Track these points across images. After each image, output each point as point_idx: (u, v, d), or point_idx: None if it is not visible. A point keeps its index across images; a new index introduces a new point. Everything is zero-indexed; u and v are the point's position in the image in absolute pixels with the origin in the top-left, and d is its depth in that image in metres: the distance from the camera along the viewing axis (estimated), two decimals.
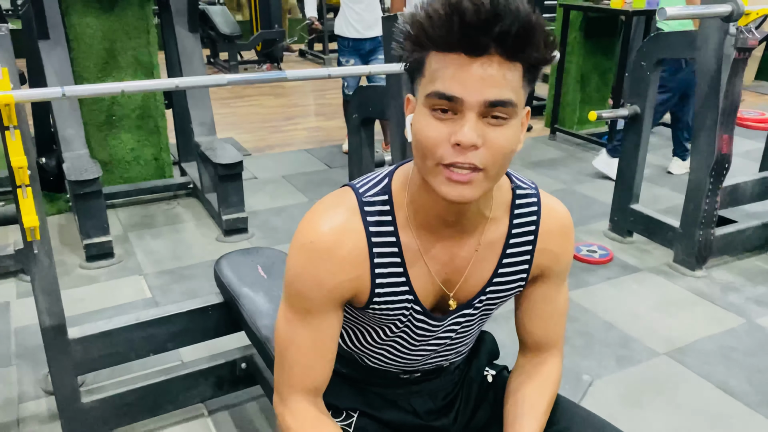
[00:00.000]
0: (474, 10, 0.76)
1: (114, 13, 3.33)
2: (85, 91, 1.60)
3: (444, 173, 0.83)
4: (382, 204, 0.95)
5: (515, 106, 0.82)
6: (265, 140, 4.91)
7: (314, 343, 0.97)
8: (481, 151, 0.81)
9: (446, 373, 1.16)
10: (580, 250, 3.00)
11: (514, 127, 0.84)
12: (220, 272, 1.85)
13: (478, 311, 1.05)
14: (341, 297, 0.95)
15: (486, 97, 0.79)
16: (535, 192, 1.03)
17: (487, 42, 0.77)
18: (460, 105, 0.80)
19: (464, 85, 0.79)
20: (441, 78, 0.80)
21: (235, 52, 7.46)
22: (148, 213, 3.49)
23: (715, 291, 2.70)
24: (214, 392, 1.93)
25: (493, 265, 1.01)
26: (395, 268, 0.96)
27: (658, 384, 2.13)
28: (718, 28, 2.49)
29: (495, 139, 0.82)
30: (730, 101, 2.57)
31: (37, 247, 1.55)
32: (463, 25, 0.77)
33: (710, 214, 2.75)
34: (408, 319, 1.00)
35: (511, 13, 0.76)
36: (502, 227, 1.00)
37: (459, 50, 0.79)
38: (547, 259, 1.03)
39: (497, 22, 0.76)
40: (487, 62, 0.79)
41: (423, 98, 0.83)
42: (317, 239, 0.92)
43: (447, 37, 0.79)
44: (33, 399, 2.03)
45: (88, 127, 3.41)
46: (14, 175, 1.45)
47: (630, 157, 3.07)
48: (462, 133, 0.80)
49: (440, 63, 0.80)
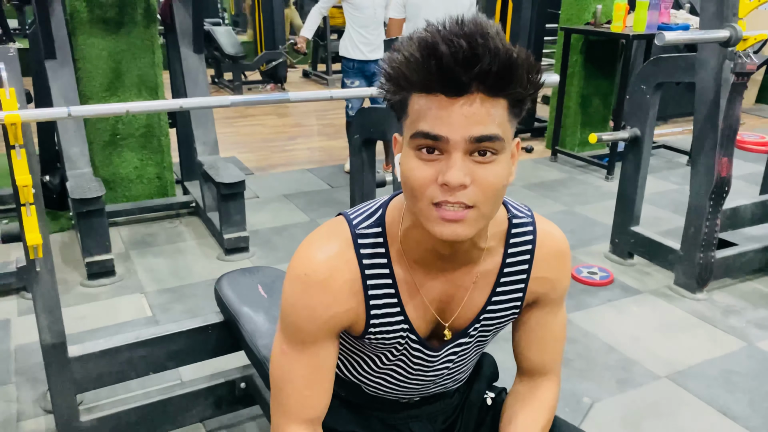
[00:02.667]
0: (451, 53, 0.75)
1: (120, 33, 3.38)
2: (90, 111, 1.62)
3: (436, 212, 0.82)
4: (375, 236, 0.95)
5: (502, 140, 0.81)
6: (267, 159, 4.94)
7: (311, 374, 0.97)
8: (470, 189, 0.80)
9: (446, 397, 1.16)
10: (581, 272, 3.00)
11: (503, 162, 0.82)
12: (221, 291, 1.85)
13: (473, 339, 1.05)
14: (336, 327, 0.95)
15: (471, 133, 0.78)
16: (530, 220, 1.02)
17: (468, 82, 0.77)
18: (446, 144, 0.79)
19: (448, 123, 0.78)
20: (424, 118, 0.80)
21: (239, 72, 7.53)
22: (150, 231, 3.50)
23: (716, 314, 2.70)
24: (213, 412, 1.93)
25: (487, 293, 1.01)
26: (390, 299, 0.96)
27: (659, 407, 2.12)
28: (717, 52, 2.52)
29: (484, 177, 0.80)
30: (729, 125, 2.59)
31: (40, 265, 1.56)
32: (441, 69, 0.76)
33: (710, 236, 2.76)
34: (404, 347, 1.01)
35: (490, 53, 0.75)
36: (497, 257, 1.00)
37: (439, 92, 0.78)
38: (542, 287, 1.03)
39: (476, 63, 0.75)
40: (469, 100, 0.78)
41: (408, 139, 0.83)
42: (311, 272, 0.92)
43: (426, 80, 0.78)
44: (32, 417, 2.02)
45: (93, 145, 3.43)
46: (18, 193, 1.46)
47: (630, 180, 3.08)
48: (449, 173, 0.79)
49: (423, 104, 0.80)
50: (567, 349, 2.42)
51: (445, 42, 0.76)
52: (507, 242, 1.00)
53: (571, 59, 4.73)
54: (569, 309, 2.72)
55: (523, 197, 4.09)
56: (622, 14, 4.22)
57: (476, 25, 0.77)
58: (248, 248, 3.24)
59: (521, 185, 4.33)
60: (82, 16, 3.28)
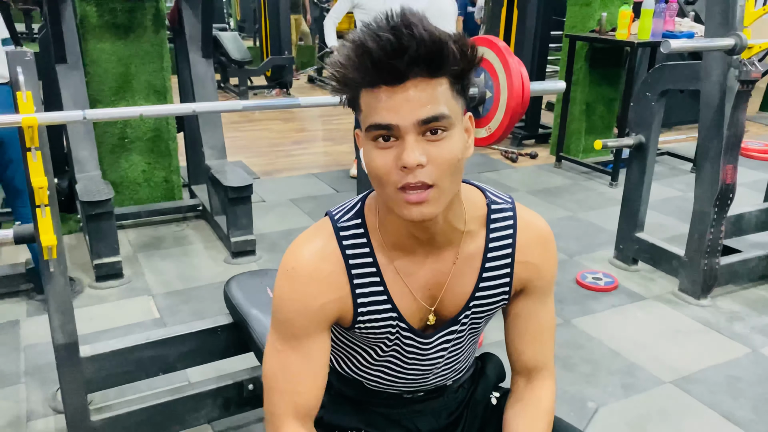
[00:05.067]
0: (379, 48, 0.82)
1: (130, 38, 3.41)
2: (104, 114, 1.65)
3: (402, 196, 0.87)
4: (356, 227, 1.00)
5: (449, 117, 0.86)
6: (273, 164, 4.97)
7: (304, 368, 1.00)
8: (428, 167, 0.86)
9: (449, 392, 1.18)
10: (586, 278, 3.02)
11: (455, 136, 0.88)
12: (230, 293, 1.87)
13: (466, 327, 1.07)
14: (326, 318, 0.99)
15: (418, 116, 0.84)
16: (511, 206, 1.06)
17: (403, 70, 0.83)
18: (398, 130, 0.85)
19: (396, 111, 0.84)
20: (374, 110, 0.86)
21: (245, 77, 7.57)
22: (158, 234, 3.53)
23: (721, 320, 2.71)
24: (221, 413, 1.94)
25: (474, 278, 1.03)
26: (375, 287, 1.00)
27: (664, 412, 2.13)
28: (722, 60, 2.54)
29: (439, 154, 0.86)
30: (733, 132, 2.61)
31: (53, 265, 1.58)
32: (375, 64, 0.83)
33: (715, 243, 2.77)
34: (396, 337, 1.03)
35: (415, 39, 0.81)
36: (479, 241, 1.03)
37: (381, 84, 0.85)
38: (528, 272, 1.06)
39: (404, 51, 0.81)
40: (411, 86, 0.84)
41: (365, 132, 0.89)
42: (298, 266, 0.98)
43: (365, 77, 0.85)
44: (41, 417, 2.05)
45: (101, 148, 3.46)
46: (34, 195, 1.49)
47: (635, 186, 3.10)
48: (405, 156, 0.85)
49: (370, 97, 0.86)
50: (572, 354, 2.44)
51: (373, 39, 0.82)
52: (488, 226, 1.03)
53: (575, 66, 4.76)
54: (574, 314, 2.73)
55: (527, 203, 4.09)
56: (627, 22, 4.24)
57: (401, 17, 0.83)
58: (255, 251, 3.26)
59: (526, 191, 4.35)
60: (92, 21, 3.32)
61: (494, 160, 5.10)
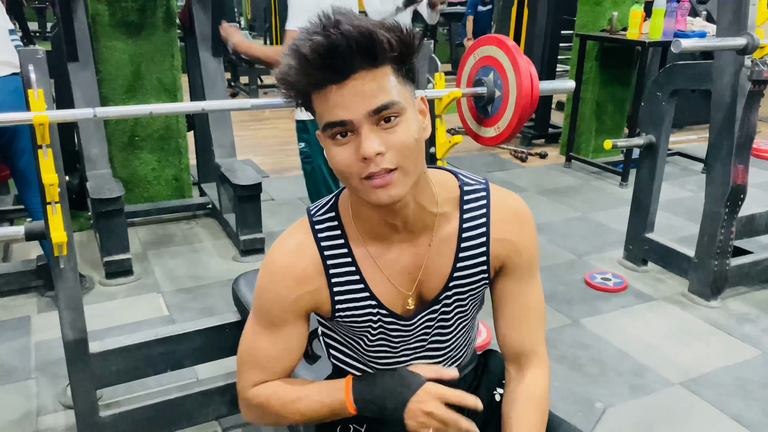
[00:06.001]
0: (313, 51, 0.84)
1: (141, 37, 3.43)
2: (115, 112, 1.66)
3: (367, 184, 0.90)
4: (330, 221, 1.04)
5: (398, 103, 0.88)
6: (282, 163, 4.98)
7: (278, 350, 1.06)
8: (388, 154, 0.89)
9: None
10: (595, 278, 3.01)
11: (409, 120, 0.90)
12: (238, 291, 1.88)
13: (450, 308, 1.08)
14: (302, 309, 1.05)
15: (368, 108, 0.87)
16: (484, 186, 1.07)
17: (342, 66, 0.85)
18: (352, 125, 0.88)
19: (346, 107, 0.87)
20: (326, 109, 0.89)
21: (255, 76, 7.59)
22: (167, 232, 3.55)
23: (731, 322, 2.69)
24: (229, 410, 1.95)
25: (451, 259, 1.05)
26: (351, 276, 1.03)
27: (672, 414, 2.12)
28: (734, 60, 2.52)
29: (396, 139, 0.89)
30: (745, 132, 2.59)
31: (64, 262, 1.59)
32: (314, 67, 0.86)
33: (725, 244, 2.75)
34: (379, 324, 1.06)
35: (344, 36, 0.83)
36: (454, 222, 1.05)
37: (327, 83, 0.87)
38: (505, 249, 1.06)
39: (337, 49, 0.84)
40: (355, 79, 0.87)
41: (323, 132, 0.92)
42: (276, 259, 1.04)
43: (310, 80, 0.88)
44: (51, 412, 2.07)
45: (112, 146, 3.49)
46: (45, 192, 1.50)
47: (645, 186, 3.08)
48: (363, 148, 0.87)
49: (321, 98, 0.89)
50: (580, 355, 2.43)
51: (306, 43, 0.85)
52: (461, 207, 1.05)
53: (586, 66, 4.74)
54: (582, 315, 2.73)
55: (536, 203, 4.10)
56: (638, 21, 4.22)
57: (327, 18, 0.86)
58: (264, 249, 3.27)
59: (535, 191, 4.34)
60: (103, 19, 3.34)
61: (504, 159, 5.09)
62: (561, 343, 2.50)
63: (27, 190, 2.55)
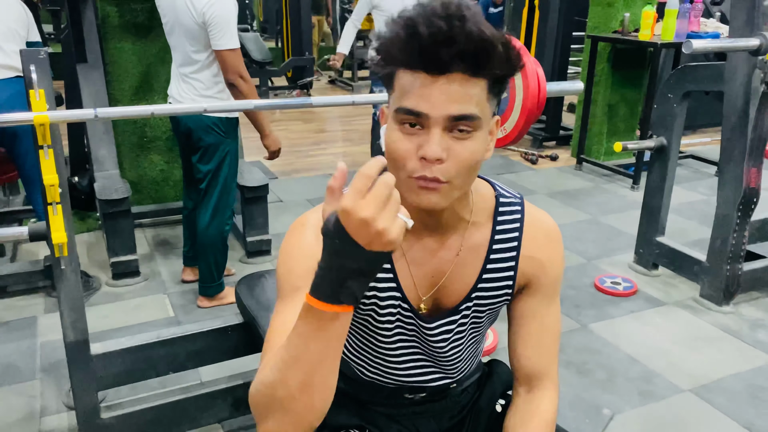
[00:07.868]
0: (429, 34, 0.80)
1: (149, 38, 3.43)
2: (116, 113, 1.66)
3: (414, 182, 0.87)
4: None
5: (479, 119, 0.85)
6: (292, 164, 4.98)
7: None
8: (446, 163, 0.85)
9: (452, 395, 1.16)
10: (604, 282, 2.97)
11: (480, 138, 0.87)
12: (241, 293, 1.87)
13: (467, 320, 1.05)
14: None
15: (449, 112, 0.83)
16: (519, 201, 1.05)
17: (447, 62, 0.81)
18: (426, 120, 0.84)
19: (429, 101, 0.83)
20: (408, 94, 0.85)
21: (266, 78, 7.61)
22: (175, 233, 3.55)
23: (743, 327, 2.64)
24: (232, 413, 1.94)
25: (477, 270, 1.02)
26: None
27: (682, 421, 2.08)
28: (747, 61, 2.48)
29: (461, 152, 0.85)
30: (758, 135, 2.55)
31: (65, 263, 1.59)
32: (422, 48, 0.81)
33: (738, 248, 2.70)
34: (397, 318, 1.02)
35: (466, 35, 0.79)
36: (485, 232, 1.02)
37: (421, 69, 0.83)
38: (533, 268, 1.04)
39: (453, 44, 0.80)
40: (450, 79, 0.82)
41: (393, 112, 0.87)
42: (306, 220, 0.98)
43: (408, 57, 0.83)
44: (54, 413, 2.06)
45: (121, 148, 3.49)
46: (46, 192, 1.50)
47: (656, 189, 3.04)
48: (427, 148, 0.84)
49: (407, 79, 0.85)
50: (588, 360, 2.39)
51: (425, 22, 0.80)
52: (495, 219, 1.03)
53: (597, 67, 4.69)
54: (591, 319, 2.69)
55: (547, 205, 4.05)
56: (650, 22, 4.17)
57: (457, 8, 0.81)
58: (270, 251, 3.26)
59: (545, 193, 4.30)
60: (113, 21, 3.34)
61: (514, 161, 5.05)
62: (569, 348, 2.47)
63: (36, 192, 2.56)
